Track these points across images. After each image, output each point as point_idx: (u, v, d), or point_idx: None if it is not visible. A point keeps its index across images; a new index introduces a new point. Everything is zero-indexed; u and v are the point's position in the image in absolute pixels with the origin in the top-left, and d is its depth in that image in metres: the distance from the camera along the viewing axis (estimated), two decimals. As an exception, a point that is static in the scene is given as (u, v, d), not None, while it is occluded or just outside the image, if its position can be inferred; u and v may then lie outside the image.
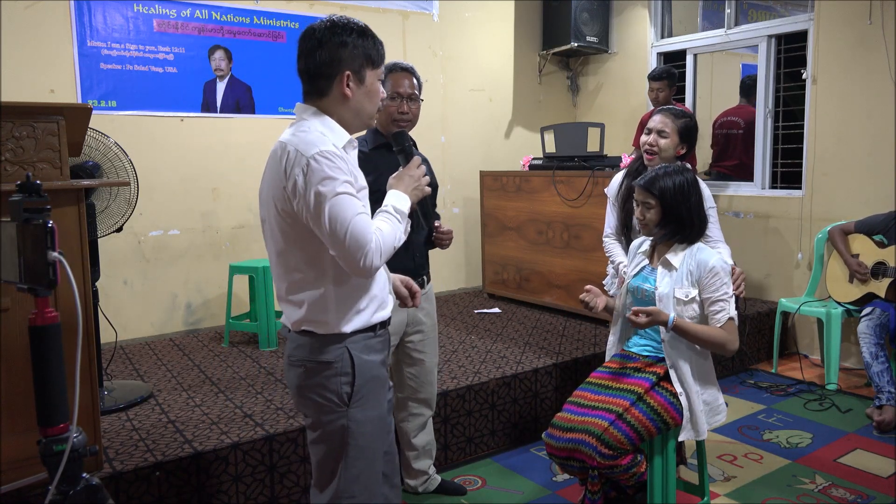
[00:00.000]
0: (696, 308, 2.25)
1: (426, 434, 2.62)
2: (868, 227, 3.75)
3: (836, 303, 3.90)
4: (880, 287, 3.62)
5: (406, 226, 1.71)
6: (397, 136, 1.86)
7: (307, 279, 1.67)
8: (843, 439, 3.18)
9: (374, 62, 1.70)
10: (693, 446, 2.78)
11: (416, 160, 1.81)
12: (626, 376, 2.31)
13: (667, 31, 5.38)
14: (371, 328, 1.73)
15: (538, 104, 5.77)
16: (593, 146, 4.25)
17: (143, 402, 2.89)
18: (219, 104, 4.25)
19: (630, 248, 2.58)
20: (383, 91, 1.79)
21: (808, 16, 4.35)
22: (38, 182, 1.43)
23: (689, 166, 2.49)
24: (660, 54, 5.35)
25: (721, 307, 2.22)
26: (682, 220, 2.28)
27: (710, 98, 5.45)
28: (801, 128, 4.44)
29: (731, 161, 5.00)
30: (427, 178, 1.81)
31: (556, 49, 5.47)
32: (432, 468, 2.69)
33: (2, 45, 3.52)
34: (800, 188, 4.46)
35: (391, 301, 1.83)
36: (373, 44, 1.69)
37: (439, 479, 2.72)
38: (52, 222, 1.40)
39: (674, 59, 5.23)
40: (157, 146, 4.04)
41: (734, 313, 2.24)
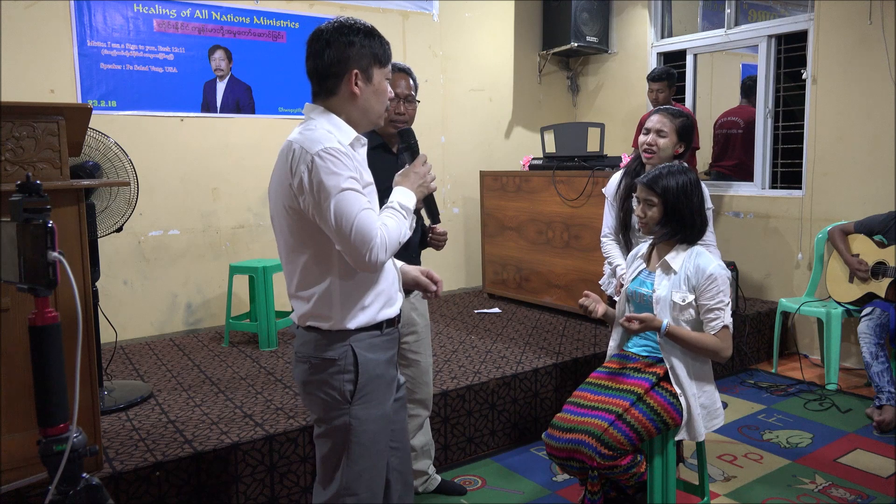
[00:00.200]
0: (693, 313, 2.25)
1: (423, 435, 2.61)
2: (868, 228, 3.75)
3: (836, 303, 3.90)
4: (880, 287, 3.62)
5: (411, 222, 1.72)
6: (403, 134, 1.88)
7: (314, 275, 1.69)
8: (843, 439, 3.18)
9: (381, 61, 1.73)
10: (693, 446, 2.78)
11: (421, 157, 1.83)
12: (625, 377, 2.31)
13: (667, 31, 5.38)
14: (377, 326, 1.74)
15: (538, 104, 5.77)
16: (593, 146, 4.26)
17: (143, 402, 2.88)
18: (219, 104, 4.25)
19: (629, 256, 2.57)
20: (391, 90, 1.81)
21: (808, 16, 4.35)
22: (38, 182, 1.43)
23: (687, 166, 2.49)
24: (660, 54, 5.35)
25: (716, 315, 2.22)
26: (683, 220, 2.28)
27: (710, 98, 5.45)
28: (801, 128, 4.44)
29: (731, 161, 5.01)
30: (433, 175, 1.83)
31: (556, 49, 5.48)
32: (432, 468, 2.69)
33: (2, 45, 3.52)
34: (800, 188, 4.46)
35: (400, 298, 1.84)
36: (379, 43, 1.72)
37: (439, 479, 2.72)
38: (52, 222, 1.40)
39: (674, 59, 5.23)
40: (157, 146, 4.04)
41: (729, 321, 2.24)
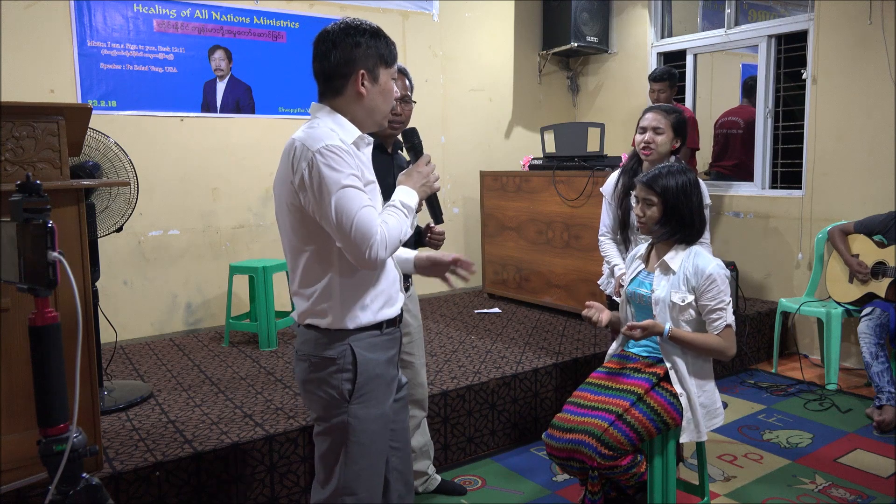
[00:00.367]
0: (693, 313, 2.25)
1: (421, 435, 2.61)
2: (868, 228, 3.75)
3: (836, 303, 3.90)
4: (880, 287, 3.62)
5: (413, 220, 1.73)
6: (407, 134, 1.89)
7: (315, 272, 1.70)
8: (843, 439, 3.18)
9: (387, 62, 1.74)
10: (693, 446, 2.78)
11: (425, 157, 1.84)
12: (625, 377, 2.31)
13: (667, 31, 5.38)
14: (377, 326, 1.74)
15: (538, 104, 5.77)
16: (593, 146, 4.26)
17: (143, 402, 2.88)
18: (219, 104, 4.25)
19: (627, 258, 2.58)
20: (397, 90, 1.82)
21: (808, 16, 4.35)
22: (38, 182, 1.43)
23: (687, 166, 2.50)
24: (660, 54, 5.35)
25: (719, 315, 2.22)
26: (682, 220, 2.28)
27: (710, 98, 5.45)
28: (801, 128, 4.44)
29: (731, 161, 5.01)
30: (437, 176, 1.83)
31: (556, 49, 5.47)
32: (431, 468, 2.68)
33: (2, 45, 3.52)
34: (800, 188, 4.46)
35: (400, 299, 1.84)
36: (385, 44, 1.74)
37: (439, 479, 2.72)
38: (52, 222, 1.40)
39: (674, 59, 5.23)
40: (157, 146, 4.04)
41: (731, 320, 2.23)
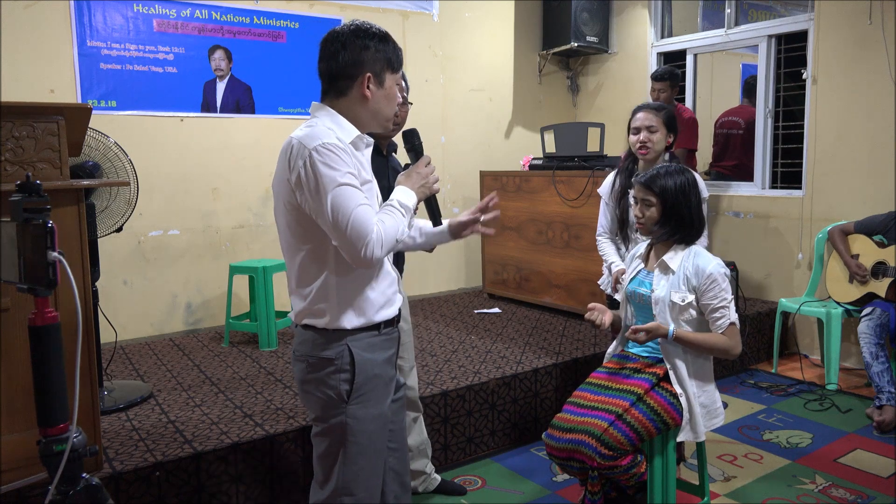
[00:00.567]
0: (693, 312, 2.25)
1: (418, 434, 2.61)
2: (868, 228, 3.75)
3: (836, 303, 3.90)
4: (880, 287, 3.61)
5: (410, 220, 1.72)
6: (407, 135, 1.89)
7: (311, 271, 1.70)
8: (843, 439, 3.18)
9: (393, 67, 1.75)
10: (693, 446, 2.78)
11: (425, 158, 1.84)
12: (625, 377, 2.31)
13: (667, 31, 5.38)
14: (374, 326, 1.74)
15: (538, 104, 5.77)
16: (593, 146, 4.25)
17: (143, 402, 2.88)
18: (219, 104, 4.25)
19: (627, 257, 2.58)
20: (399, 96, 1.82)
21: (808, 16, 4.35)
22: (38, 182, 1.43)
23: (685, 166, 2.50)
24: (660, 54, 5.35)
25: (722, 314, 2.21)
26: (681, 220, 2.28)
27: (710, 98, 5.45)
28: (801, 128, 4.44)
29: (731, 161, 5.01)
30: (436, 177, 1.83)
31: (556, 49, 5.48)
32: (430, 467, 2.68)
33: (2, 45, 3.52)
34: (800, 188, 4.46)
35: (398, 299, 1.84)
36: (393, 49, 1.75)
37: (439, 478, 2.72)
38: (52, 222, 1.40)
39: (674, 59, 5.23)
40: (157, 146, 4.04)
41: (735, 318, 2.23)
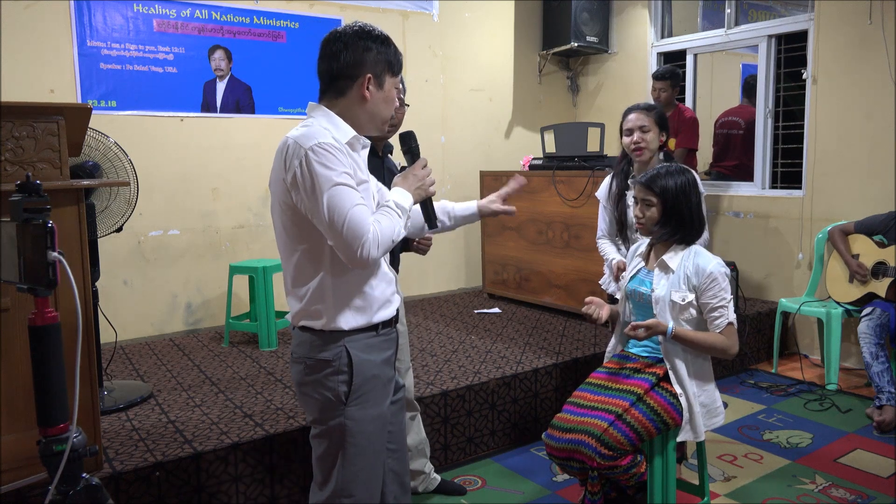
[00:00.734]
0: (693, 312, 2.25)
1: (416, 434, 2.61)
2: (868, 228, 3.75)
3: (836, 303, 3.90)
4: (880, 287, 3.61)
5: (406, 222, 1.72)
6: (404, 137, 1.88)
7: (307, 272, 1.70)
8: (843, 439, 3.18)
9: (393, 70, 1.75)
10: (693, 446, 2.78)
11: (421, 161, 1.83)
12: (625, 377, 2.31)
13: (667, 31, 5.38)
14: (372, 327, 1.74)
15: (538, 104, 5.77)
16: (593, 146, 4.25)
17: (143, 402, 2.88)
18: (219, 104, 4.25)
19: (629, 252, 2.59)
20: (400, 96, 1.82)
21: (808, 16, 4.35)
22: (38, 182, 1.43)
23: (684, 166, 2.51)
24: (660, 54, 5.35)
25: (720, 313, 2.21)
26: (682, 221, 2.28)
27: (710, 98, 5.45)
28: (801, 128, 4.44)
29: (731, 161, 5.01)
30: (432, 180, 1.82)
31: (556, 49, 5.48)
32: (429, 466, 2.68)
33: (2, 45, 3.52)
34: (800, 188, 4.46)
35: (396, 300, 1.84)
36: (394, 52, 1.75)
37: (439, 478, 2.72)
38: (52, 222, 1.40)
39: (674, 59, 5.23)
40: (157, 146, 4.04)
41: (733, 317, 2.23)
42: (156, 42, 4.01)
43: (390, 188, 1.79)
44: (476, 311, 4.58)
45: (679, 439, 2.24)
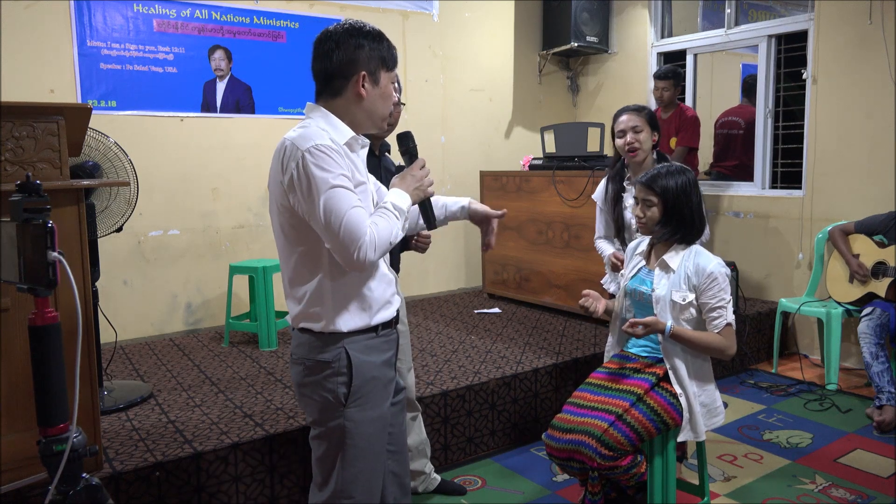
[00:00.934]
0: (694, 312, 2.25)
1: (417, 434, 2.61)
2: (868, 228, 3.75)
3: (837, 303, 3.90)
4: (880, 287, 3.61)
5: (404, 223, 1.71)
6: (402, 138, 1.88)
7: (304, 274, 1.69)
8: (843, 439, 3.18)
9: (388, 65, 1.74)
10: (693, 446, 2.78)
11: (420, 161, 1.83)
12: (625, 377, 2.31)
13: (667, 31, 5.38)
14: (372, 329, 1.73)
15: (538, 104, 5.77)
16: (593, 146, 4.26)
17: (143, 402, 2.88)
18: (219, 104, 4.25)
19: (627, 249, 2.59)
20: (395, 95, 1.81)
21: (808, 16, 4.35)
22: (38, 182, 1.43)
23: (685, 166, 2.52)
24: (660, 54, 5.35)
25: (719, 314, 2.22)
26: (683, 220, 2.28)
27: (711, 98, 5.45)
28: (801, 128, 4.44)
29: (731, 161, 5.01)
30: (430, 179, 1.82)
31: (556, 49, 5.48)
32: (429, 466, 2.68)
33: (2, 45, 3.52)
34: (800, 188, 4.46)
35: (396, 301, 1.84)
36: (387, 47, 1.74)
37: (439, 478, 2.72)
38: (51, 222, 1.40)
39: (674, 59, 5.23)
40: (157, 146, 4.04)
41: (731, 319, 2.23)
42: (156, 42, 4.01)
43: (388, 187, 1.79)
44: (476, 311, 4.58)
45: (679, 439, 2.24)
